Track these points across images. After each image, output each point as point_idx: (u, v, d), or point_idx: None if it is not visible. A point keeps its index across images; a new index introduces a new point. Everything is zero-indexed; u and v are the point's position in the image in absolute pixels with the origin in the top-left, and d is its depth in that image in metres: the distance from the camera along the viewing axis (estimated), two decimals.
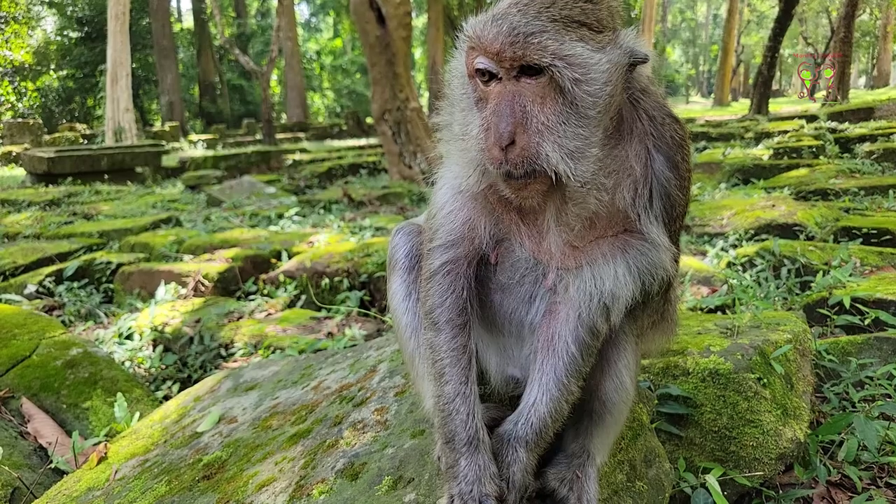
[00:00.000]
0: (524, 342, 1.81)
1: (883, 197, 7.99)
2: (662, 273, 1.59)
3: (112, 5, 24.73)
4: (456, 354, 1.71)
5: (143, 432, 2.65)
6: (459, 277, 1.72)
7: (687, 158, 1.61)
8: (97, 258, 7.20)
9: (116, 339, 5.32)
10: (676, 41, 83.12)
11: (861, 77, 68.79)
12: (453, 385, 1.70)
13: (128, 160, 19.37)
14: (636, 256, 1.56)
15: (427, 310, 1.76)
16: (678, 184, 1.60)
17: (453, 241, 1.70)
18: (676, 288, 1.98)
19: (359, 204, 11.85)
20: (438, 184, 1.77)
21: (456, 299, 1.71)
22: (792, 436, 2.51)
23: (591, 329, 1.64)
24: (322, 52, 62.18)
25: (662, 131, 1.57)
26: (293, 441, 2.06)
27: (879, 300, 3.86)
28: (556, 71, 1.36)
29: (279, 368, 2.80)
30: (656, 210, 1.58)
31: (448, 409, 1.69)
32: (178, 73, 43.49)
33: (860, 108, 20.64)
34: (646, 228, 1.56)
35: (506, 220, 1.66)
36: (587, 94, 1.38)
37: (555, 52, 1.35)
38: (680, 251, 1.77)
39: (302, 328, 5.16)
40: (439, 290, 1.72)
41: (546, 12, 1.37)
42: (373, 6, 13.20)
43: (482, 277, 1.78)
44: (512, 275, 1.73)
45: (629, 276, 1.56)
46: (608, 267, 1.56)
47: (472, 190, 1.59)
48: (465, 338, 1.73)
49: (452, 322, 1.72)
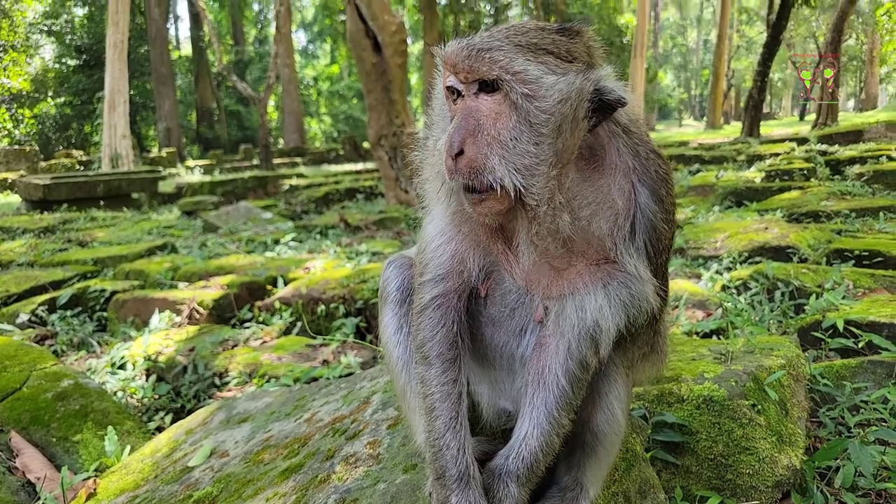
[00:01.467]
0: (515, 375, 1.81)
1: (874, 219, 8.04)
2: (646, 305, 1.59)
3: (111, 34, 24.94)
4: (446, 389, 1.71)
5: (134, 467, 2.62)
6: (450, 311, 1.72)
7: (671, 192, 1.64)
8: (91, 286, 7.16)
9: (109, 369, 5.26)
10: (668, 66, 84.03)
11: (850, 100, 69.61)
12: (443, 420, 1.70)
13: (124, 186, 19.39)
14: (618, 288, 1.57)
15: (418, 344, 1.76)
16: (664, 217, 1.61)
17: (443, 275, 1.71)
18: (665, 320, 1.99)
19: (355, 229, 11.86)
20: (427, 217, 1.79)
21: (446, 333, 1.72)
22: (788, 463, 2.50)
23: (581, 362, 1.64)
24: (319, 77, 62.75)
25: (647, 166, 1.59)
26: (285, 476, 2.04)
27: (872, 323, 3.86)
28: (506, 84, 1.41)
29: (272, 400, 2.78)
30: (639, 242, 1.59)
31: (438, 445, 1.69)
32: (175, 100, 43.78)
33: (849, 131, 20.86)
34: (625, 260, 1.57)
35: (494, 250, 1.67)
36: (540, 112, 1.41)
37: (504, 66, 1.40)
38: (668, 284, 1.77)
39: (297, 356, 5.12)
40: (430, 324, 1.72)
41: (513, 38, 1.44)
42: (369, 34, 13.36)
43: (473, 311, 1.78)
44: (502, 308, 1.74)
45: (613, 309, 1.57)
46: (592, 298, 1.57)
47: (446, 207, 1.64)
48: (456, 372, 1.73)
49: (443, 356, 1.72)
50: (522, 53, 1.42)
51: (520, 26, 1.48)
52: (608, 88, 1.45)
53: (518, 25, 1.49)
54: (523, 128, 1.42)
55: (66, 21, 45.48)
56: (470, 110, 1.46)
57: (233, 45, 54.34)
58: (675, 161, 18.90)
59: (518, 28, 1.47)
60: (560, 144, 1.44)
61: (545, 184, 1.44)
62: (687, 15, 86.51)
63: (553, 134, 1.42)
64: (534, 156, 1.43)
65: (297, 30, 61.33)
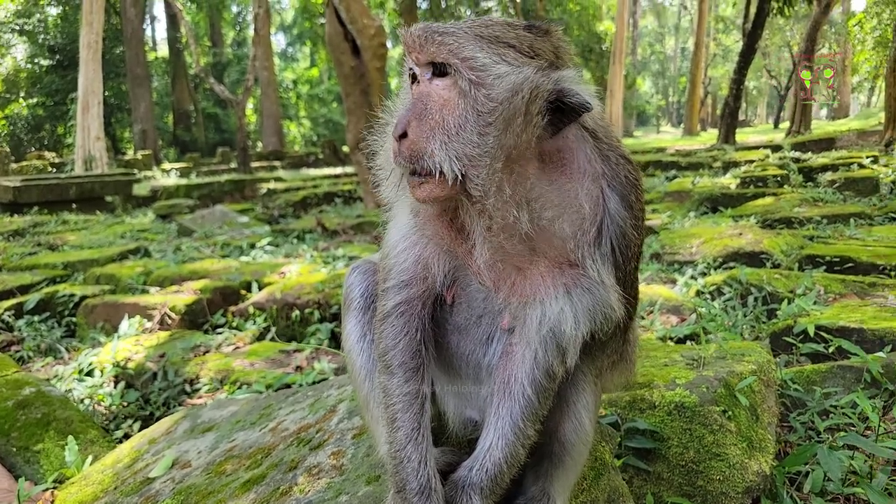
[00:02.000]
0: (482, 385, 1.78)
1: (845, 225, 8.17)
2: (610, 312, 1.56)
3: (85, 34, 24.60)
4: (408, 399, 1.67)
5: (94, 478, 2.54)
6: (413, 319, 1.68)
7: (640, 198, 1.61)
8: (60, 290, 7.02)
9: (76, 376, 5.14)
10: (646, 73, 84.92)
11: (823, 108, 70.89)
12: (405, 431, 1.66)
13: (97, 189, 19.06)
14: (581, 294, 1.54)
15: (380, 352, 1.72)
16: (633, 223, 1.59)
17: (406, 281, 1.67)
18: (635, 328, 1.97)
19: (333, 233, 11.78)
20: (392, 221, 1.75)
21: (409, 342, 1.68)
22: (758, 469, 2.50)
23: (548, 371, 1.60)
24: (298, 81, 62.36)
25: (617, 171, 1.57)
26: (246, 488, 1.98)
27: (843, 328, 3.90)
28: (454, 69, 1.40)
29: (238, 408, 2.72)
30: (605, 248, 1.56)
31: (399, 457, 1.65)
32: (151, 102, 43.21)
33: (822, 139, 21.30)
34: (588, 265, 1.54)
35: (459, 253, 1.62)
36: (487, 100, 1.39)
37: (454, 50, 1.39)
38: (637, 291, 1.76)
39: (270, 362, 5.05)
40: (392, 332, 1.68)
41: (475, 28, 1.42)
42: (347, 38, 13.30)
43: (438, 318, 1.75)
44: (469, 315, 1.71)
45: (578, 315, 1.54)
46: (556, 305, 1.54)
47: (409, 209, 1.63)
48: (419, 382, 1.69)
49: (406, 365, 1.68)
50: (478, 42, 1.39)
51: (487, 19, 1.46)
52: (571, 91, 1.41)
53: (486, 19, 1.47)
54: (469, 116, 1.40)
55: (38, 20, 44.66)
56: (421, 94, 1.45)
57: (210, 46, 53.80)
58: (653, 167, 19.09)
59: (484, 21, 1.45)
60: (509, 139, 1.40)
61: (488, 175, 1.41)
62: (665, 23, 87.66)
63: (500, 126, 1.39)
64: (476, 146, 1.40)
65: (276, 32, 60.90)
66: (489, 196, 1.42)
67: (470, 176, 1.41)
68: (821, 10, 26.08)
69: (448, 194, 1.45)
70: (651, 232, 8.70)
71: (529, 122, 1.40)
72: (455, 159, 1.40)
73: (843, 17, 40.40)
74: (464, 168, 1.40)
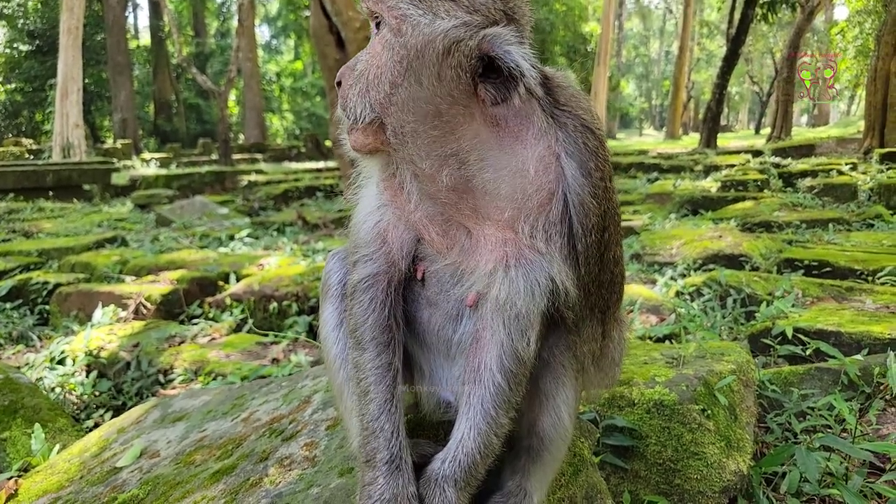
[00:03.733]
0: (453, 362, 1.74)
1: (823, 230, 8.26)
2: (550, 284, 1.51)
3: (65, 19, 24.16)
4: (380, 372, 1.65)
5: (60, 467, 2.46)
6: (380, 293, 1.66)
7: (602, 167, 1.55)
8: (33, 278, 6.88)
9: (48, 364, 5.03)
10: (630, 75, 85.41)
11: (803, 115, 71.91)
12: (378, 403, 1.63)
13: (75, 177, 18.73)
14: (524, 265, 1.51)
15: (351, 328, 1.69)
16: (592, 191, 1.52)
17: (368, 254, 1.65)
18: (623, 326, 1.94)
19: (313, 227, 11.69)
20: (360, 194, 1.72)
21: (378, 316, 1.66)
22: (735, 468, 2.49)
23: (515, 354, 1.56)
24: (282, 73, 61.73)
25: (575, 138, 1.52)
26: (215, 479, 1.92)
27: (820, 331, 3.92)
28: (380, 17, 1.43)
29: (210, 398, 2.65)
30: (553, 217, 1.51)
31: (372, 427, 1.61)
32: (132, 91, 42.56)
33: (802, 145, 21.57)
34: (528, 233, 1.50)
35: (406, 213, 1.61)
36: (401, 48, 1.39)
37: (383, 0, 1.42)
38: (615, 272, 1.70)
39: (246, 354, 4.98)
40: (361, 307, 1.66)
41: None
42: (332, 30, 13.16)
43: (412, 293, 1.72)
44: (438, 289, 1.67)
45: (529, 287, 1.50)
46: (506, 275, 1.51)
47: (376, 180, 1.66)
48: (390, 355, 1.67)
49: (376, 340, 1.66)
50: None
51: None
52: (498, 52, 1.34)
53: None
54: (388, 64, 1.42)
55: (18, 4, 43.69)
56: (366, 47, 1.50)
57: (193, 36, 53.11)
58: (635, 169, 19.21)
59: None
60: (423, 91, 1.38)
61: (400, 125, 1.43)
62: (650, 26, 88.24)
63: (410, 77, 1.39)
64: (388, 95, 1.43)
65: (260, 24, 60.30)
66: (405, 145, 1.46)
67: (386, 123, 1.46)
68: (804, 17, 26.45)
69: (374, 144, 1.51)
70: (632, 233, 8.73)
71: (446, 77, 1.36)
72: (368, 106, 1.46)
73: (826, 26, 40.98)
74: (377, 115, 1.46)
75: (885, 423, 3.04)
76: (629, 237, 8.45)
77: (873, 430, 2.98)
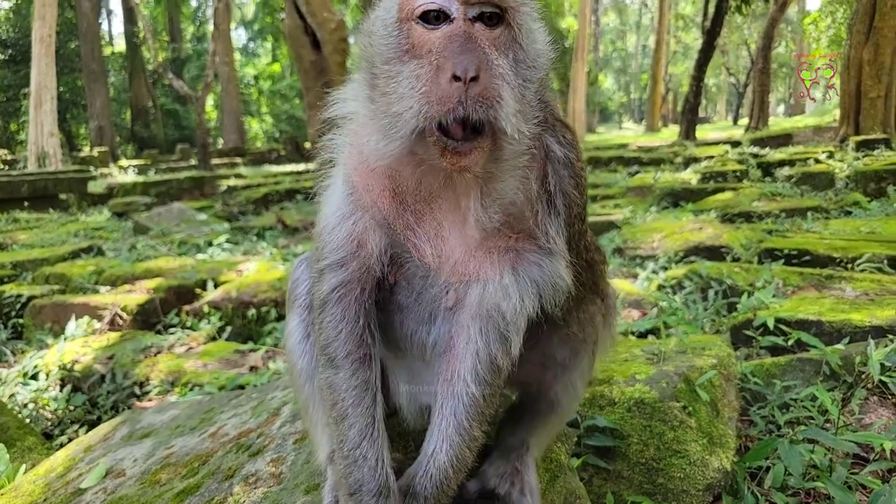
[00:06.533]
0: (430, 365, 1.66)
1: (802, 219, 8.30)
2: (559, 282, 1.47)
3: (37, 28, 23.79)
4: (358, 393, 1.53)
5: (24, 489, 2.37)
6: (353, 303, 1.53)
7: (578, 158, 1.54)
8: (6, 291, 6.72)
9: (20, 380, 4.90)
10: (609, 70, 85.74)
11: (780, 105, 72.67)
12: (358, 428, 1.51)
13: (51, 186, 18.40)
14: (528, 268, 1.45)
15: (322, 344, 1.56)
16: (573, 182, 1.51)
17: (339, 260, 1.51)
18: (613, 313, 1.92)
19: (294, 230, 11.58)
20: (326, 193, 1.58)
21: (352, 329, 1.53)
22: (718, 465, 2.46)
23: (491, 364, 1.49)
24: (260, 76, 61.21)
25: (555, 131, 1.50)
26: (179, 499, 1.85)
27: (801, 320, 3.91)
28: (513, 17, 1.27)
29: (179, 412, 2.57)
30: (558, 208, 1.48)
31: (354, 456, 1.51)
32: (108, 98, 41.99)
33: (779, 135, 21.75)
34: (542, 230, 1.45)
35: (399, 225, 1.48)
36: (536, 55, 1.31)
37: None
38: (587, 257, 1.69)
39: (224, 362, 4.89)
40: (332, 320, 1.53)
41: None
42: (307, 31, 13.08)
43: (382, 298, 1.61)
44: (408, 293, 1.57)
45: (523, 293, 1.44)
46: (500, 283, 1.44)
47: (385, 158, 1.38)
48: (367, 372, 1.55)
49: (351, 356, 1.54)
50: None
51: None
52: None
53: None
54: (517, 69, 1.28)
55: None
56: (468, 36, 1.25)
57: (169, 42, 52.53)
58: (615, 163, 19.26)
59: None
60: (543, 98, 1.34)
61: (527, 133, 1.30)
62: (626, 20, 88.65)
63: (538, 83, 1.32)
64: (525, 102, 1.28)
65: (236, 27, 59.75)
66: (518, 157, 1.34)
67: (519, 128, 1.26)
68: (777, 8, 26.67)
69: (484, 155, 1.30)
70: (613, 227, 8.72)
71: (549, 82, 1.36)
72: (513, 116, 1.24)
73: (799, 16, 41.41)
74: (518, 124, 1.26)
75: (867, 413, 3.03)
76: (610, 231, 8.44)
77: (856, 420, 2.96)
